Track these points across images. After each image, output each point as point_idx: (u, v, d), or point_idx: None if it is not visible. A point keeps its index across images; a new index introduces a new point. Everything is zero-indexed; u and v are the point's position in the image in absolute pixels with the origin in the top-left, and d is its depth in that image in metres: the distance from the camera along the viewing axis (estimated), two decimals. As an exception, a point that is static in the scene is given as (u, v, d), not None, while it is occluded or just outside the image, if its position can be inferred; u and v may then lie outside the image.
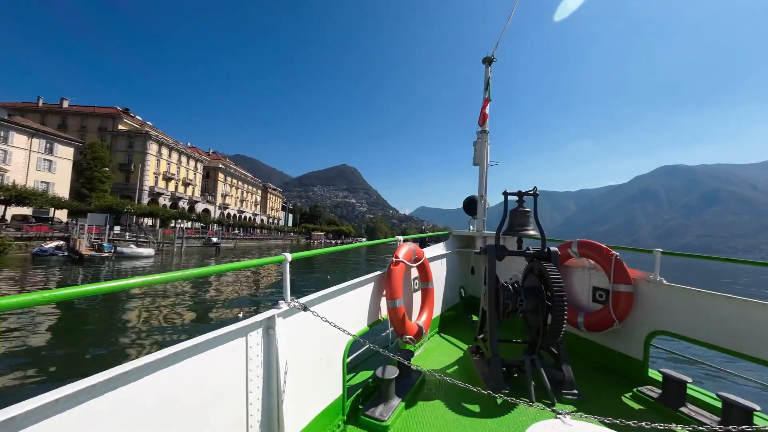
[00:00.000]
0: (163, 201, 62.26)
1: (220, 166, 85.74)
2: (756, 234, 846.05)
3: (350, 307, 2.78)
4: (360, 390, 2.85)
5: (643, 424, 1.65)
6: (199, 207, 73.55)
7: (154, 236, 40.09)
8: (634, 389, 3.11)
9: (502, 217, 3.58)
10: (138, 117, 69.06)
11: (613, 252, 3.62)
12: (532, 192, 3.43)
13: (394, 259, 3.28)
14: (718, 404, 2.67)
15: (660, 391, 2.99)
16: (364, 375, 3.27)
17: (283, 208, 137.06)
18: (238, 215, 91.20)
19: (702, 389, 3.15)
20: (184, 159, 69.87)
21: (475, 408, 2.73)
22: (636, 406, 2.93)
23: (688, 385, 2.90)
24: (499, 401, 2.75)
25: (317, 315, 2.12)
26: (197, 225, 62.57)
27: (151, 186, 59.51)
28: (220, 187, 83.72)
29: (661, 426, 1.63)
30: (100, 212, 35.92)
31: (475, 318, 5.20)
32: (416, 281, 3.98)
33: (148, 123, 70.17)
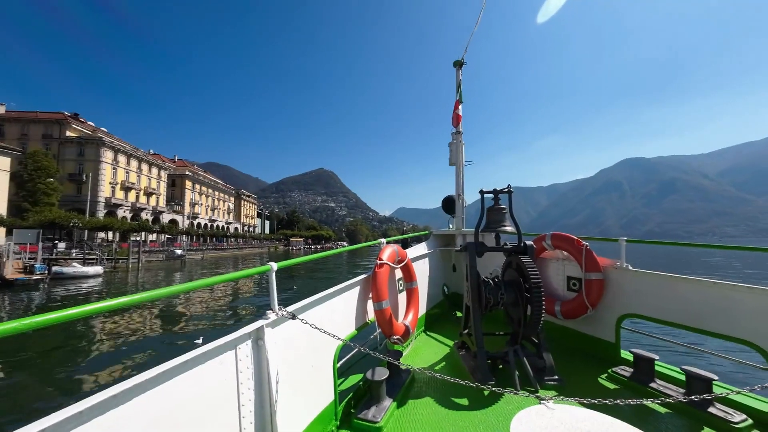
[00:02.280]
0: (123, 213, 57.17)
1: (187, 173, 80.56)
2: (708, 219, 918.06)
3: (338, 312, 2.78)
4: (351, 394, 2.84)
5: (618, 401, 1.79)
6: (165, 217, 68.48)
7: (102, 252, 35.54)
8: (609, 370, 3.27)
9: (479, 215, 3.65)
10: (90, 123, 63.26)
11: (584, 242, 3.80)
12: (506, 190, 3.58)
13: (379, 262, 3.29)
14: (683, 377, 2.83)
15: (632, 370, 3.17)
16: (355, 378, 3.27)
17: (259, 215, 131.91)
18: (209, 224, 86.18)
19: (668, 365, 3.32)
20: (145, 167, 64.69)
21: (464, 401, 2.80)
22: (611, 385, 3.10)
23: (656, 362, 3.09)
24: (486, 392, 2.85)
25: (306, 322, 2.11)
26: (165, 237, 58.09)
27: (108, 197, 54.35)
28: (188, 196, 78.58)
29: (633, 402, 1.76)
30: (39, 227, 31.25)
31: (459, 314, 5.25)
32: (401, 282, 4.01)
33: (102, 129, 64.48)
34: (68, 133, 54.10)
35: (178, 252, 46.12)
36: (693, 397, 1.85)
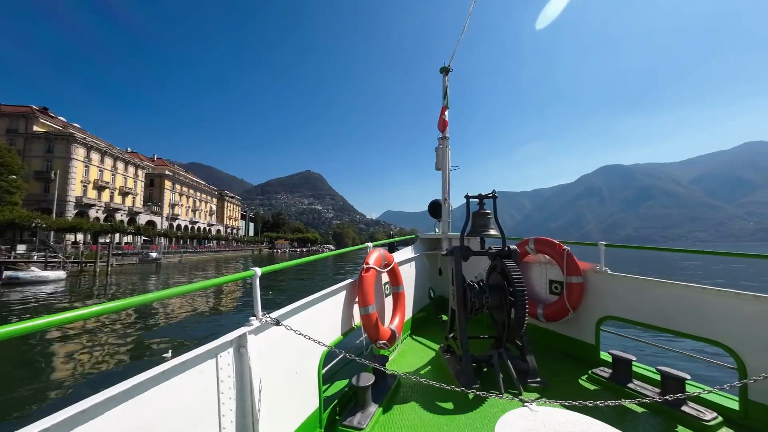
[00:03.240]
0: (96, 213, 54.09)
1: (167, 172, 77.43)
2: (682, 224, 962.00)
3: (323, 318, 2.74)
4: (337, 400, 2.80)
5: (598, 402, 1.83)
6: (142, 219, 65.37)
7: (67, 255, 33.14)
8: (589, 371, 3.33)
9: (465, 219, 3.68)
10: (61, 117, 59.79)
11: (565, 247, 3.88)
12: (491, 195, 3.63)
13: (365, 266, 3.26)
14: (658, 377, 2.89)
15: (610, 371, 3.23)
16: (341, 384, 3.23)
17: (243, 217, 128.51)
18: (190, 226, 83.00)
19: (645, 365, 3.40)
20: (121, 165, 61.59)
21: (449, 405, 2.79)
22: (591, 386, 3.16)
23: (633, 363, 3.16)
24: (471, 396, 2.88)
25: (290, 328, 2.07)
26: (141, 239, 55.26)
27: (78, 196, 51.27)
28: (168, 196, 75.44)
29: (612, 403, 1.83)
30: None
31: (444, 317, 5.30)
32: (387, 286, 4.00)
33: (75, 125, 61.04)
34: (36, 128, 50.83)
35: (153, 255, 43.55)
36: (667, 396, 1.94)
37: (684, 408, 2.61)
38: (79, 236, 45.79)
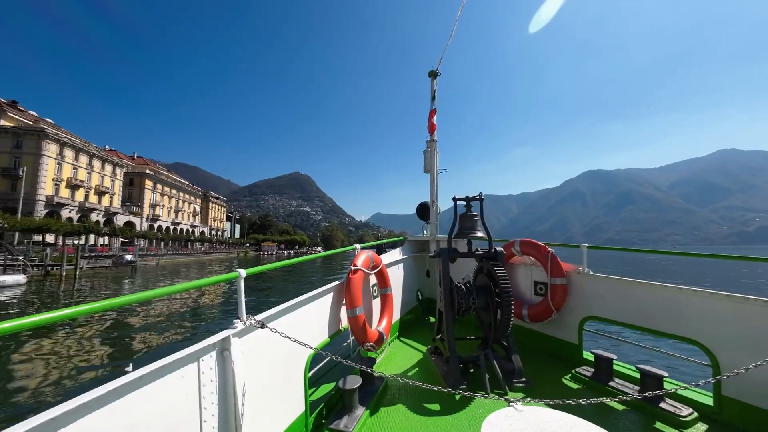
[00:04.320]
0: (68, 213, 51.12)
1: (148, 171, 74.44)
2: (661, 228, 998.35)
3: (310, 320, 2.72)
4: (323, 404, 2.78)
5: (581, 401, 1.89)
6: (120, 219, 62.38)
7: (31, 257, 30.69)
8: (573, 371, 3.41)
9: (452, 222, 3.71)
10: (32, 112, 56.56)
11: (549, 249, 3.95)
12: (478, 197, 3.65)
13: (353, 268, 3.26)
14: (638, 375, 2.98)
15: (593, 369, 3.30)
16: (327, 387, 3.21)
17: (229, 219, 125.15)
18: (172, 228, 79.92)
19: (625, 364, 3.49)
20: (97, 163, 58.62)
21: (436, 407, 2.80)
22: (574, 385, 3.23)
23: (615, 361, 3.24)
24: (457, 397, 2.88)
25: (276, 331, 2.03)
26: (119, 241, 52.45)
27: (50, 195, 48.33)
28: (148, 196, 72.42)
29: (594, 401, 1.89)
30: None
31: (432, 319, 5.31)
32: (375, 288, 4.01)
33: (47, 120, 57.87)
34: (3, 122, 47.72)
35: (128, 257, 40.86)
36: (646, 394, 2.02)
37: (662, 405, 2.69)
38: (51, 238, 43.01)
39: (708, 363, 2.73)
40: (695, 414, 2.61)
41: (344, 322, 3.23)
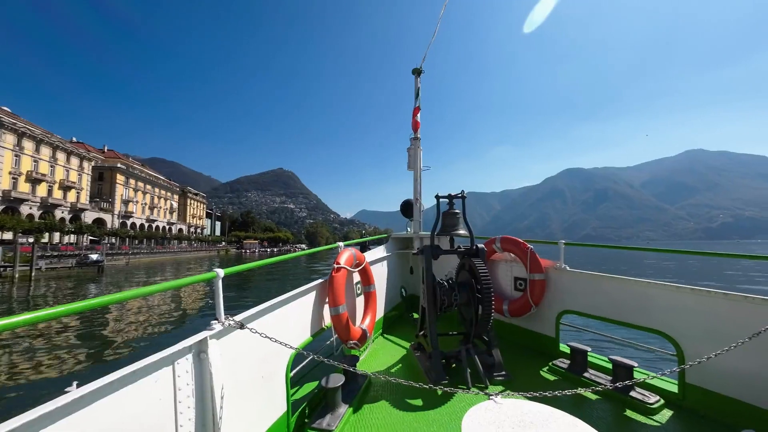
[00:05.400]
0: (29, 209, 47.24)
1: (119, 165, 70.16)
2: (635, 224, 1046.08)
3: (292, 319, 2.70)
4: (305, 403, 2.78)
5: (557, 392, 1.97)
6: (89, 216, 58.45)
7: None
8: (550, 363, 3.53)
9: (435, 219, 3.77)
10: (-14, 99, 51.67)
11: (528, 245, 4.04)
12: (460, 195, 3.73)
13: (336, 266, 3.26)
14: (610, 366, 3.12)
15: (569, 362, 3.44)
16: (310, 386, 3.21)
17: (209, 216, 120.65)
18: (147, 225, 75.91)
19: (599, 355, 3.63)
20: (62, 156, 54.47)
21: (419, 402, 2.84)
22: (551, 377, 3.34)
23: (589, 353, 3.39)
24: (439, 392, 2.95)
25: (255, 332, 2.00)
26: (87, 239, 49.00)
27: (5, 190, 44.36)
28: (120, 192, 68.30)
29: (569, 392, 1.99)
30: None
31: (416, 315, 5.32)
32: (359, 285, 4.01)
33: (4, 108, 53.04)
34: (-50, 109, 43.36)
35: (94, 257, 37.64)
36: (618, 384, 2.15)
37: (632, 393, 2.83)
38: (9, 235, 39.45)
39: (674, 353, 2.86)
40: (662, 401, 2.76)
41: (327, 321, 3.21)
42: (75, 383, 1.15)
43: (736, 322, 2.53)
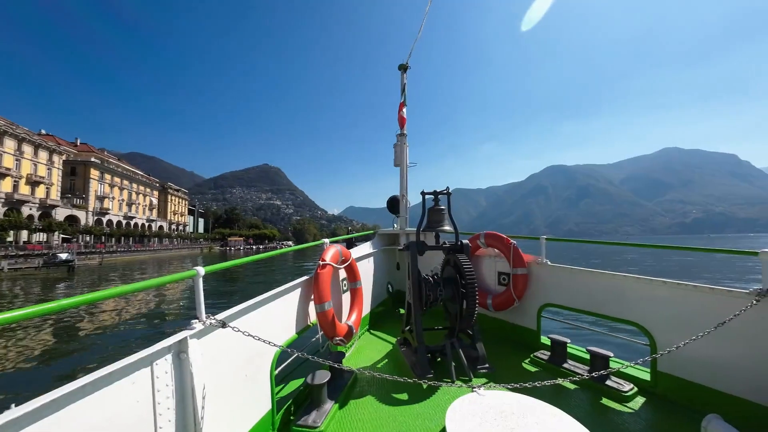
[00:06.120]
0: (-7, 206, 44.22)
1: (93, 160, 66.75)
2: (614, 219, 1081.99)
3: (276, 317, 2.70)
4: (291, 400, 2.80)
5: (537, 383, 2.04)
6: (61, 213, 55.40)
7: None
8: (531, 355, 3.63)
9: (421, 215, 3.83)
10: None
11: (512, 241, 4.11)
12: (445, 191, 3.80)
13: (321, 263, 3.26)
14: (588, 356, 3.22)
15: (549, 353, 3.54)
16: (296, 384, 3.21)
17: (191, 212, 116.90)
18: (124, 222, 72.74)
19: (577, 347, 3.75)
20: (28, 149, 51.27)
21: (404, 396, 2.87)
22: (532, 368, 3.43)
23: (568, 345, 3.50)
24: (425, 386, 2.97)
25: (238, 330, 1.99)
26: (59, 237, 46.33)
27: (-34, 185, 41.43)
28: (94, 187, 65.11)
29: (549, 383, 2.06)
30: None
31: (402, 311, 5.32)
32: (344, 282, 4.02)
33: (-37, 96, 49.41)
34: None
35: (64, 256, 35.50)
36: (594, 373, 2.23)
37: (608, 382, 2.94)
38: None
39: (647, 343, 2.97)
40: (635, 389, 2.88)
41: (313, 318, 3.21)
42: (13, 405, 1.06)
43: (703, 313, 2.62)
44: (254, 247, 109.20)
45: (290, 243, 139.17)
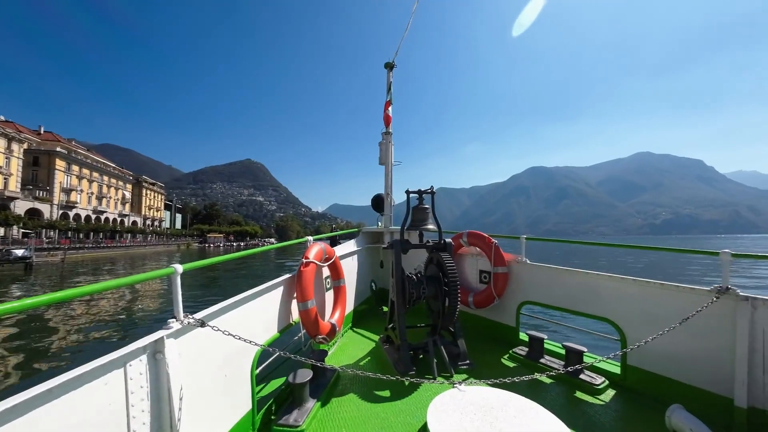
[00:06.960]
0: (-59, 197, 40.36)
1: (59, 149, 62.33)
2: (591, 220, 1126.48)
3: (257, 315, 2.66)
4: (272, 400, 2.77)
5: (515, 379, 2.11)
6: (21, 206, 51.38)
7: None
8: (510, 351, 3.71)
9: (405, 214, 3.86)
10: None
11: (493, 240, 4.22)
12: (429, 190, 3.84)
13: (304, 261, 3.26)
14: (563, 352, 3.32)
15: (527, 349, 3.63)
16: (277, 383, 3.19)
17: (168, 207, 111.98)
18: (94, 217, 68.54)
19: (554, 342, 3.86)
20: (-16, 136, 47.10)
21: (386, 393, 2.89)
22: (511, 364, 3.52)
23: (545, 341, 3.59)
24: (407, 383, 2.95)
25: (218, 329, 1.95)
26: (19, 232, 42.79)
27: None
28: (60, 179, 60.88)
29: (526, 378, 2.13)
30: None
31: (385, 309, 5.36)
32: (328, 280, 4.03)
33: None
34: None
35: (20, 252, 32.63)
36: (569, 368, 2.32)
37: (581, 376, 3.04)
38: None
39: (617, 338, 3.10)
40: (607, 382, 2.98)
41: (295, 316, 3.20)
42: None
43: (669, 309, 2.74)
44: (235, 244, 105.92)
45: (273, 240, 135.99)
